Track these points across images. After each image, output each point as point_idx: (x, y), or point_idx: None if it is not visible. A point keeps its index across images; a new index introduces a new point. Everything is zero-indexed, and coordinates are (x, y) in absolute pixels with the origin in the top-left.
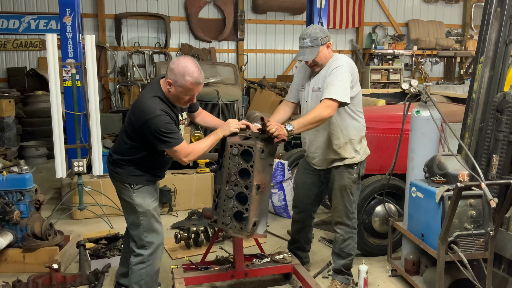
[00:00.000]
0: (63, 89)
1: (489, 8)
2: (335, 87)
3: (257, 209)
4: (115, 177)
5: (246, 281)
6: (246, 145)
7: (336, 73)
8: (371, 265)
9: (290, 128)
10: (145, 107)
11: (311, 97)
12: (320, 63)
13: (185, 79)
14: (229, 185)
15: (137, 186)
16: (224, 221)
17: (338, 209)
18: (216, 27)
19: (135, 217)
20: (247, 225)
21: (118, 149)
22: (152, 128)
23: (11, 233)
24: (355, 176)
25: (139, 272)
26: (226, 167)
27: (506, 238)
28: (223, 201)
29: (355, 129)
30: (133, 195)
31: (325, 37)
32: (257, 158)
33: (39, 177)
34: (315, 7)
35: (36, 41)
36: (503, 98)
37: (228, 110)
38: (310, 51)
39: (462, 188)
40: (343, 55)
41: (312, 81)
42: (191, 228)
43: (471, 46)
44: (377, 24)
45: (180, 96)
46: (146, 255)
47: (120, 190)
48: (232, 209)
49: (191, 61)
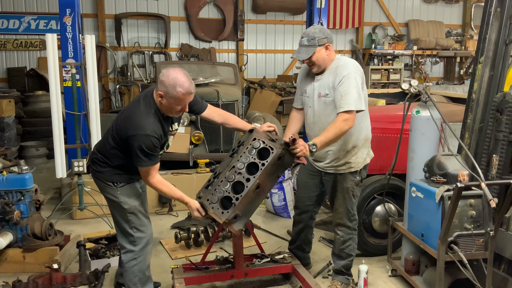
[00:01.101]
0: (63, 89)
1: (489, 8)
2: (349, 97)
3: (245, 205)
4: (98, 176)
5: (246, 281)
6: (269, 145)
7: (348, 82)
8: (371, 265)
9: (314, 150)
10: (138, 123)
11: (318, 103)
12: (318, 64)
13: (176, 90)
14: (233, 170)
15: (121, 184)
16: (211, 199)
17: (339, 211)
18: (216, 27)
19: (122, 213)
20: (229, 213)
21: (102, 149)
22: (137, 143)
23: (11, 233)
24: (358, 179)
25: (132, 270)
26: (239, 154)
27: (506, 238)
28: (219, 182)
29: (362, 132)
30: (117, 193)
31: (323, 38)
32: (271, 161)
33: (39, 177)
34: (315, 7)
35: (36, 41)
36: (503, 98)
37: (228, 110)
38: (305, 50)
39: (462, 188)
40: (348, 59)
41: (316, 85)
42: (191, 228)
43: (471, 46)
44: (377, 24)
45: (172, 106)
46: (137, 250)
47: (104, 189)
48: (224, 192)
49: (180, 72)
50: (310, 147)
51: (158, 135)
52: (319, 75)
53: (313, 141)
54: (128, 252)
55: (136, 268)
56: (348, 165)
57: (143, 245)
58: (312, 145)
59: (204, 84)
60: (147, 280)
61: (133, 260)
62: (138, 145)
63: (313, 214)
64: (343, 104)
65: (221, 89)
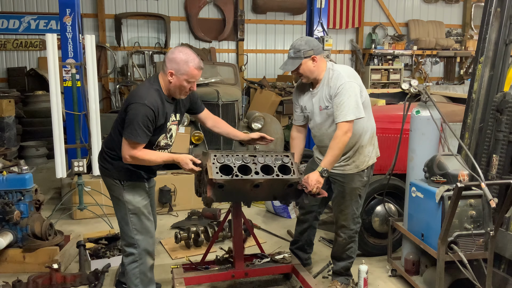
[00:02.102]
0: (63, 89)
1: (489, 8)
2: (347, 108)
3: (235, 187)
4: (105, 172)
5: (246, 281)
6: (294, 168)
7: (343, 92)
8: (371, 265)
9: (326, 175)
10: (138, 93)
11: (320, 116)
12: (306, 75)
13: (189, 66)
14: (252, 158)
15: (127, 183)
16: (217, 157)
17: (345, 213)
18: (216, 27)
19: (124, 214)
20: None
21: (109, 144)
22: (132, 112)
23: (11, 233)
24: (365, 180)
25: (133, 272)
26: (267, 153)
27: (506, 238)
28: (234, 154)
29: (367, 132)
30: (123, 192)
31: (309, 50)
32: (284, 179)
33: (39, 177)
34: (315, 7)
35: (36, 41)
36: (503, 98)
37: (228, 110)
38: (291, 62)
39: (462, 188)
40: (340, 67)
41: (314, 100)
42: (191, 228)
43: (471, 46)
44: (377, 24)
45: (182, 84)
46: (137, 253)
47: (110, 187)
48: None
49: (189, 49)
50: (322, 173)
51: (155, 109)
52: (315, 89)
53: (322, 167)
54: (129, 255)
55: (137, 270)
56: (354, 164)
57: (143, 248)
58: (323, 171)
59: (204, 84)
60: (149, 282)
61: (134, 263)
62: (133, 113)
63: (318, 215)
64: (339, 116)
65: (221, 89)
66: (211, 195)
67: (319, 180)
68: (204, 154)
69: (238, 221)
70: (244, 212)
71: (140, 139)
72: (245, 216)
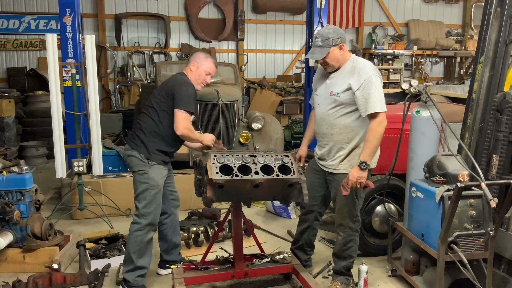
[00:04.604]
0: (63, 89)
1: (489, 8)
2: (374, 99)
3: (235, 187)
4: (137, 149)
5: (246, 281)
6: (294, 168)
7: (369, 85)
8: (371, 265)
9: (365, 167)
10: (183, 80)
11: (328, 101)
12: (331, 64)
13: (208, 60)
14: (252, 157)
15: (153, 162)
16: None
17: (342, 212)
18: (216, 27)
19: (144, 189)
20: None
21: (148, 125)
22: (183, 89)
23: (11, 233)
24: None
25: (135, 239)
26: (267, 153)
27: (506, 238)
28: (234, 154)
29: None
30: (149, 170)
31: (337, 38)
32: (284, 179)
33: (39, 177)
34: (315, 7)
35: (36, 41)
36: (503, 98)
37: (228, 110)
38: (320, 51)
39: (462, 188)
40: (364, 60)
41: (328, 83)
42: (191, 228)
43: (471, 46)
44: (377, 24)
45: (201, 74)
46: (144, 224)
47: (136, 165)
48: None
49: (206, 53)
50: (362, 166)
51: (195, 91)
52: (333, 73)
53: (361, 159)
54: (135, 223)
55: (139, 239)
56: (349, 164)
57: (150, 220)
58: (362, 163)
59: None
60: (146, 252)
61: (139, 231)
62: (184, 89)
63: (318, 216)
64: (369, 108)
65: (221, 89)
66: (211, 195)
67: (360, 174)
68: (204, 154)
69: (238, 221)
70: (244, 212)
71: (191, 109)
72: (245, 216)
